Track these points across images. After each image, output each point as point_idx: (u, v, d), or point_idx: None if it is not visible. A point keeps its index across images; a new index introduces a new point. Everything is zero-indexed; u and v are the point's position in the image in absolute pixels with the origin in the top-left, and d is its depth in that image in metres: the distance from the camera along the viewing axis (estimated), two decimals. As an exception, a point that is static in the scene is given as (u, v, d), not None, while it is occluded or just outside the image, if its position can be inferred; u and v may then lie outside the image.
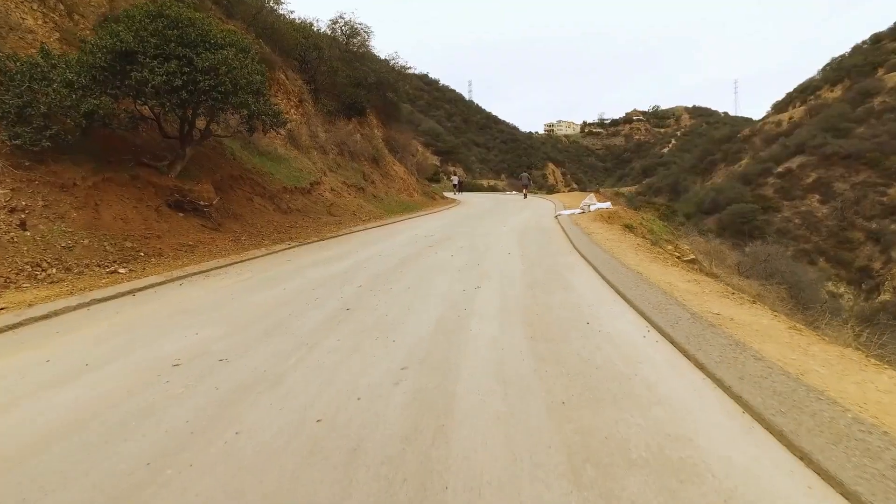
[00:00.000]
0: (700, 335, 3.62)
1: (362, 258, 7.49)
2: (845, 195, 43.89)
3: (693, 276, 6.04)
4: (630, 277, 5.70)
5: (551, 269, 6.50)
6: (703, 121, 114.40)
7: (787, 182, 47.19)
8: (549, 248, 8.51)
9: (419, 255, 7.77)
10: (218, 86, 7.71)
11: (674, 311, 4.26)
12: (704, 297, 4.82)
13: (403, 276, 6.03)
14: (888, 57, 57.83)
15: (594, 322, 4.12)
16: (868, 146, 45.34)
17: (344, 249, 8.50)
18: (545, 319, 4.19)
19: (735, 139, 64.78)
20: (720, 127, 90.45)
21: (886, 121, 47.83)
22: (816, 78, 63.66)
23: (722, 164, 63.49)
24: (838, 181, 45.30)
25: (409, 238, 10.12)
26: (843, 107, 51.15)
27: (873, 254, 39.81)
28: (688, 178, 65.29)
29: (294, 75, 19.95)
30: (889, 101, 50.14)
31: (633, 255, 7.32)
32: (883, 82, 52.72)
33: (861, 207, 42.53)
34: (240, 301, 4.95)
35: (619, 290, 5.17)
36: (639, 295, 4.86)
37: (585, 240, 8.98)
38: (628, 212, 12.36)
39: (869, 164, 44.81)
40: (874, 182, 43.49)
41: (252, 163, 13.19)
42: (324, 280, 5.88)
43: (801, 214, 44.56)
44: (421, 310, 4.51)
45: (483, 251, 8.09)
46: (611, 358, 3.31)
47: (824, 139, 47.54)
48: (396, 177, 23.85)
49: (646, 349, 3.53)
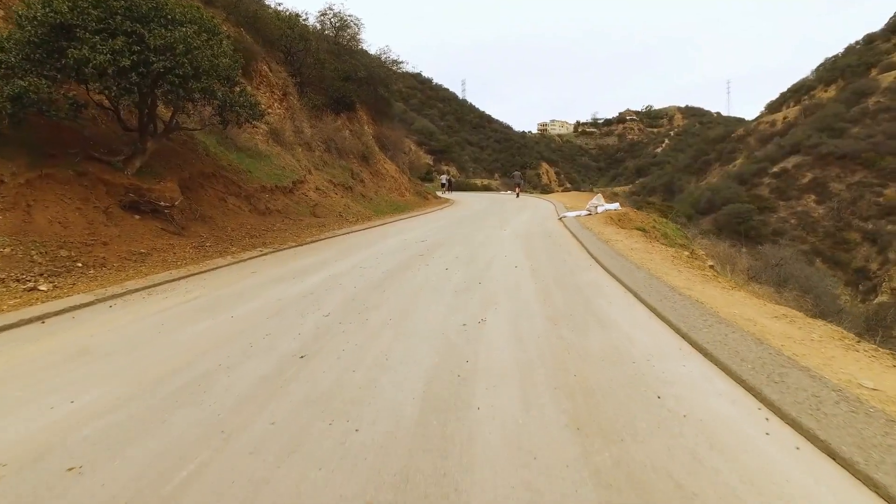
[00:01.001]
0: (881, 443, 2.04)
1: (340, 270, 6.39)
2: (841, 195, 43.54)
3: (774, 307, 4.49)
4: (690, 310, 4.18)
5: (575, 291, 5.19)
6: (696, 120, 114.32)
7: (783, 182, 46.80)
8: (563, 260, 7.16)
9: (407, 266, 6.61)
10: (175, 68, 6.65)
11: (795, 379, 2.70)
12: (821, 348, 3.22)
13: (385, 300, 4.79)
14: (881, 57, 57.77)
15: (669, 396, 2.67)
16: (863, 146, 45.04)
17: (322, 258, 7.42)
18: (589, 385, 2.82)
19: (729, 139, 64.44)
20: (713, 127, 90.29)
21: (881, 121, 47.59)
22: (810, 78, 63.48)
23: (716, 163, 63.14)
24: (834, 181, 44.97)
25: (398, 244, 9.00)
26: (838, 107, 50.88)
27: (870, 255, 39.42)
28: (682, 178, 64.88)
29: (278, 67, 18.85)
30: (884, 101, 49.92)
31: (674, 272, 5.94)
32: (877, 82, 52.52)
33: (857, 208, 42.19)
34: (166, 337, 3.76)
35: (685, 332, 3.65)
36: (718, 341, 3.38)
37: (605, 248, 7.72)
38: (639, 214, 11.40)
39: (864, 165, 44.50)
40: (870, 182, 43.17)
41: (228, 159, 12.11)
42: (286, 303, 4.72)
43: (798, 215, 44.15)
44: (403, 363, 3.19)
45: (484, 263, 6.85)
46: (731, 488, 1.89)
47: (819, 139, 47.22)
48: (387, 175, 22.81)
49: (787, 465, 2.04)
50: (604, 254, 7.28)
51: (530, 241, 9.18)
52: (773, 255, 14.58)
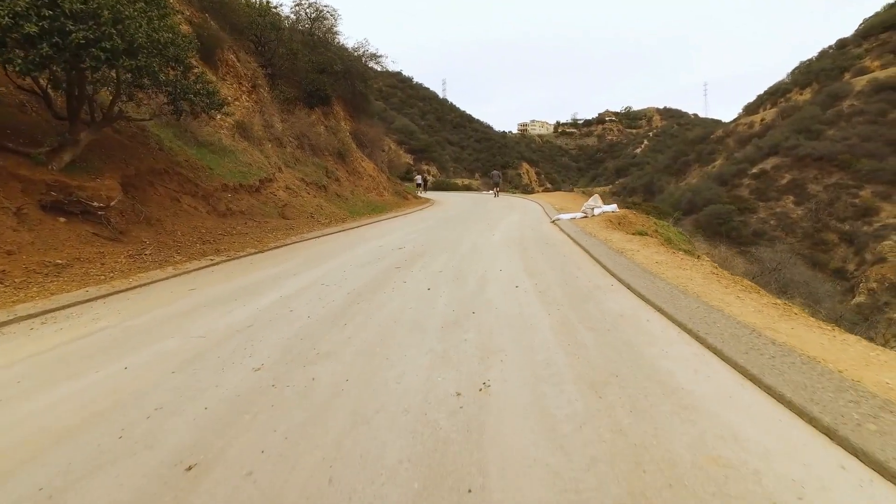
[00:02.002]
0: None
1: (297, 287, 5.19)
2: (819, 197, 44.07)
3: (868, 346, 3.31)
4: (814, 378, 2.71)
5: (607, 328, 3.78)
6: (674, 122, 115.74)
7: (762, 183, 47.24)
8: (573, 276, 5.73)
9: (380, 284, 5.32)
10: (101, 40, 5.49)
11: None
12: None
13: (344, 343, 3.50)
14: (854, 62, 59.12)
15: None
16: (839, 148, 45.76)
17: (279, 269, 6.31)
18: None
19: (708, 140, 65.04)
20: (691, 128, 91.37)
21: (856, 123, 48.49)
22: (786, 81, 64.53)
23: (696, 164, 63.68)
24: (812, 183, 45.57)
25: (372, 252, 7.76)
26: (814, 109, 51.72)
27: (847, 255, 39.92)
28: (662, 179, 65.25)
29: (247, 58, 17.57)
30: (857, 104, 50.92)
31: (732, 299, 4.53)
32: (851, 86, 53.56)
33: (835, 209, 42.78)
34: (4, 411, 2.51)
35: (845, 436, 2.16)
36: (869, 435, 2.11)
37: (623, 262, 6.33)
38: (638, 216, 10.54)
39: (840, 167, 45.18)
40: (846, 184, 43.84)
41: (186, 155, 10.88)
42: (209, 344, 3.49)
43: (777, 216, 44.55)
44: (356, 492, 1.86)
45: (476, 280, 5.45)
46: None
47: (797, 141, 47.85)
48: (365, 174, 21.67)
49: None
50: (624, 269, 5.90)
51: (526, 248, 7.93)
52: (768, 258, 13.95)
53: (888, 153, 44.05)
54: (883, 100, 48.80)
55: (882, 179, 42.84)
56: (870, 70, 56.03)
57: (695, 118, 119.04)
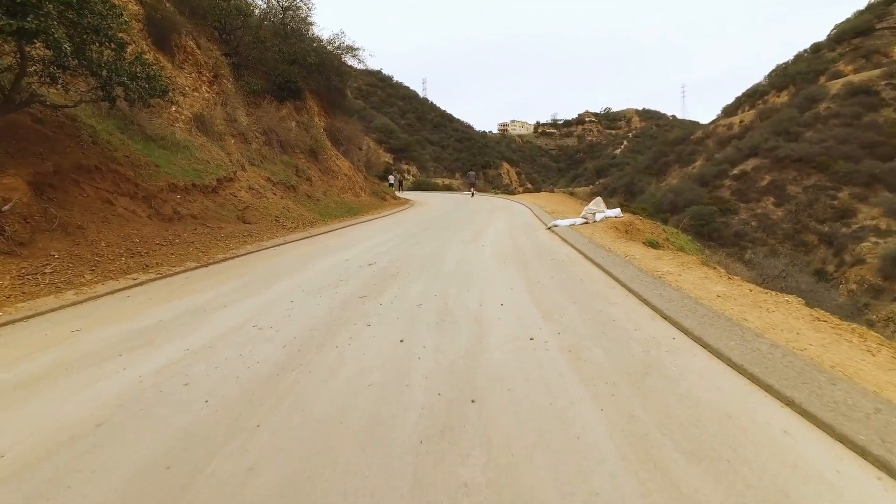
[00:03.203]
0: None
1: (212, 335, 3.70)
2: (798, 198, 44.38)
3: None
4: None
5: (731, 457, 2.12)
6: (652, 123, 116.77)
7: (743, 184, 47.45)
8: (609, 317, 4.12)
9: (332, 331, 3.80)
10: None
11: None
12: None
13: (236, 491, 1.92)
14: (828, 65, 60.20)
15: None
16: (817, 150, 46.23)
17: (207, 297, 4.91)
18: None
19: (688, 141, 65.38)
20: (670, 129, 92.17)
21: (832, 126, 49.12)
22: (763, 84, 65.32)
23: (676, 165, 63.91)
24: (791, 184, 45.91)
25: (335, 269, 6.29)
26: (792, 111, 52.25)
27: (827, 257, 40.18)
28: (643, 179, 65.30)
29: (210, 45, 16.05)
30: (833, 107, 51.64)
31: (864, 365, 2.93)
32: (826, 89, 54.34)
33: (814, 210, 43.12)
34: None
35: None
36: None
37: (669, 294, 4.64)
38: (645, 222, 9.35)
39: (819, 168, 45.63)
40: (825, 185, 44.27)
41: (127, 150, 9.42)
42: (14, 465, 2.08)
43: (758, 217, 44.71)
44: None
45: (470, 327, 3.89)
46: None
47: (776, 142, 48.23)
48: (340, 173, 20.30)
49: None
50: (682, 309, 4.14)
51: (528, 267, 6.29)
52: (768, 265, 13.10)
53: (863, 155, 44.70)
54: (857, 103, 49.63)
55: (858, 181, 43.40)
56: (844, 74, 57.04)
57: (673, 119, 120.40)
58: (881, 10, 61.91)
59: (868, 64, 57.31)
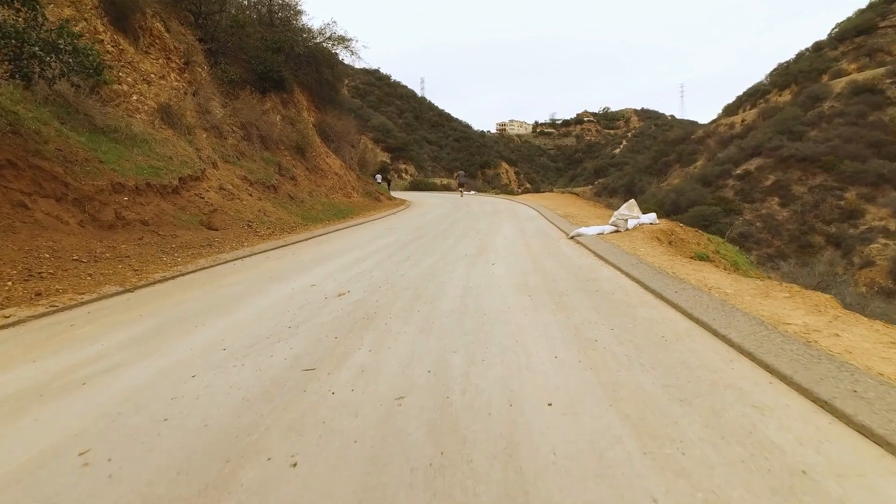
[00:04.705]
0: None
1: (56, 439, 2.18)
2: (804, 198, 43.28)
3: None
4: None
5: None
6: (651, 123, 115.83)
7: (747, 184, 46.33)
8: (764, 442, 2.13)
9: (211, 483, 1.90)
10: None
11: None
12: None
13: None
14: (831, 64, 59.34)
15: None
16: (822, 149, 45.19)
17: (84, 354, 3.30)
18: None
19: (689, 140, 64.30)
20: (669, 129, 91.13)
21: (837, 125, 48.14)
22: (764, 83, 64.34)
23: (677, 164, 62.82)
24: (796, 184, 44.81)
25: (289, 304, 4.56)
26: (795, 110, 51.24)
27: (834, 258, 39.01)
28: (643, 179, 64.10)
29: (182, 29, 14.50)
30: (837, 105, 50.66)
31: None
32: (830, 88, 53.42)
33: (820, 211, 42.00)
34: None
35: None
36: None
37: (847, 381, 2.57)
38: (687, 230, 7.77)
39: (824, 168, 44.59)
40: (831, 185, 43.23)
41: (63, 142, 7.89)
42: None
43: (762, 217, 43.56)
44: None
45: (502, 472, 1.93)
46: None
47: (780, 142, 47.14)
48: (329, 172, 18.79)
49: None
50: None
51: (569, 308, 4.25)
52: (800, 273, 11.66)
53: (869, 155, 43.71)
54: (862, 102, 48.72)
55: (865, 181, 42.37)
56: (847, 72, 56.12)
57: (672, 119, 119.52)
58: (883, 8, 61.04)
59: (871, 62, 56.38)
